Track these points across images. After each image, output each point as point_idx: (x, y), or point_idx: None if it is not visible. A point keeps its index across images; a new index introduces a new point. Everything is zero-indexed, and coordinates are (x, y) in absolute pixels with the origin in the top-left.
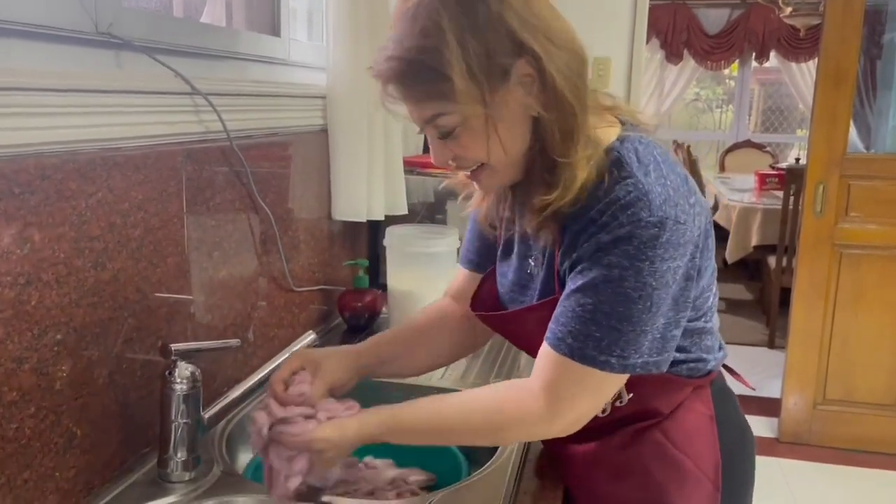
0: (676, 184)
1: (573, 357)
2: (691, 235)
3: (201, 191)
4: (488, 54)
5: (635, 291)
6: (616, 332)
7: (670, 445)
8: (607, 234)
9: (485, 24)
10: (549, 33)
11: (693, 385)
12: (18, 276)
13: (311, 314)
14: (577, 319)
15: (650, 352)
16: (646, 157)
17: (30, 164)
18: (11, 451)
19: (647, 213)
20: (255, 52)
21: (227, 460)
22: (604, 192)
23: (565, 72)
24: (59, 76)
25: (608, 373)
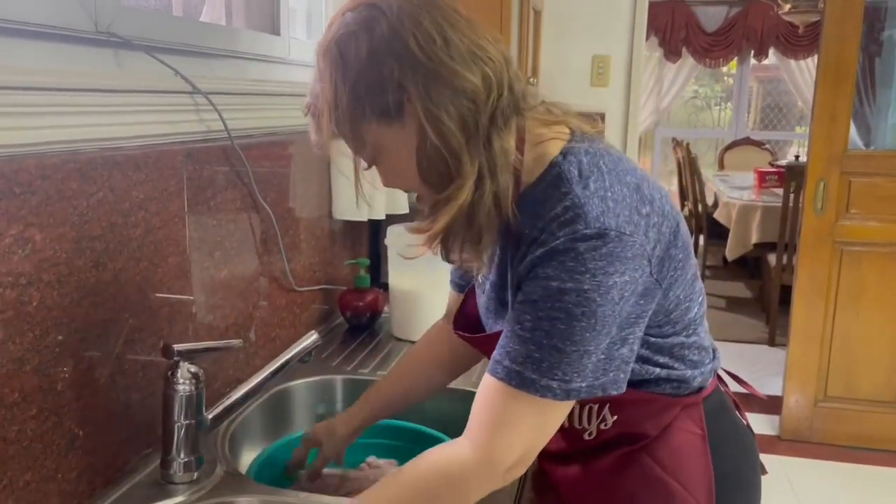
0: (622, 194)
1: (510, 382)
2: (642, 248)
3: (202, 190)
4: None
5: (577, 307)
6: (557, 353)
7: (658, 469)
8: (543, 248)
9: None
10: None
11: (681, 404)
12: (20, 277)
13: (313, 314)
14: (516, 339)
15: (594, 374)
16: (588, 170)
17: (30, 164)
18: (13, 453)
19: (582, 225)
20: (255, 51)
21: (229, 461)
22: (545, 210)
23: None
24: (59, 75)
25: (549, 400)
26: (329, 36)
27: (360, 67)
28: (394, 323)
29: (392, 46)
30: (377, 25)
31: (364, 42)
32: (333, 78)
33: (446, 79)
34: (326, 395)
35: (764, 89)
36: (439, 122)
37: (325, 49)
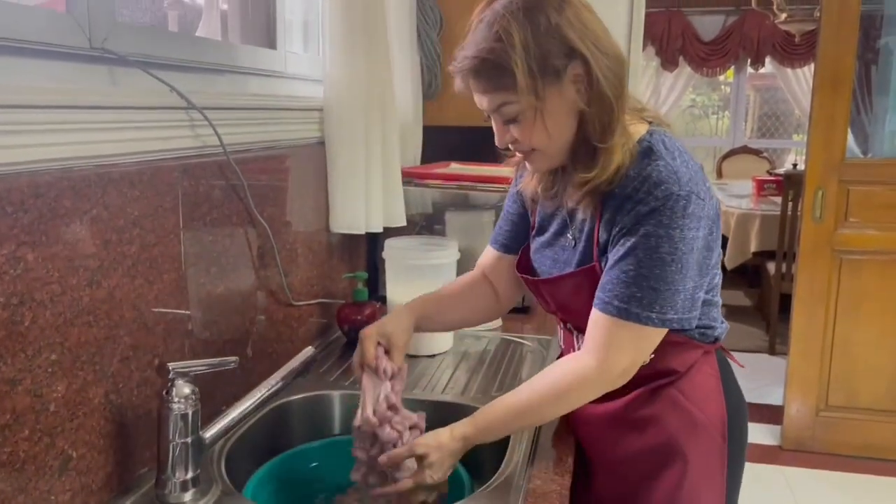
0: (696, 168)
1: (620, 316)
2: (709, 211)
3: (198, 206)
4: (545, 57)
5: (669, 255)
6: (654, 292)
7: (684, 399)
8: (644, 205)
9: (545, 33)
10: (597, 41)
11: (703, 349)
12: (11, 297)
13: (310, 328)
14: (621, 284)
15: (683, 309)
16: (672, 147)
17: (23, 183)
18: (5, 475)
19: (676, 187)
20: (252, 66)
21: (226, 480)
22: (637, 173)
23: (608, 74)
24: (53, 93)
25: (650, 327)
26: (514, 5)
27: (548, 33)
28: None
29: (572, 21)
30: (559, 4)
31: (552, 14)
32: (524, 39)
33: (607, 49)
34: (324, 411)
35: (761, 97)
36: (607, 80)
37: (511, 14)
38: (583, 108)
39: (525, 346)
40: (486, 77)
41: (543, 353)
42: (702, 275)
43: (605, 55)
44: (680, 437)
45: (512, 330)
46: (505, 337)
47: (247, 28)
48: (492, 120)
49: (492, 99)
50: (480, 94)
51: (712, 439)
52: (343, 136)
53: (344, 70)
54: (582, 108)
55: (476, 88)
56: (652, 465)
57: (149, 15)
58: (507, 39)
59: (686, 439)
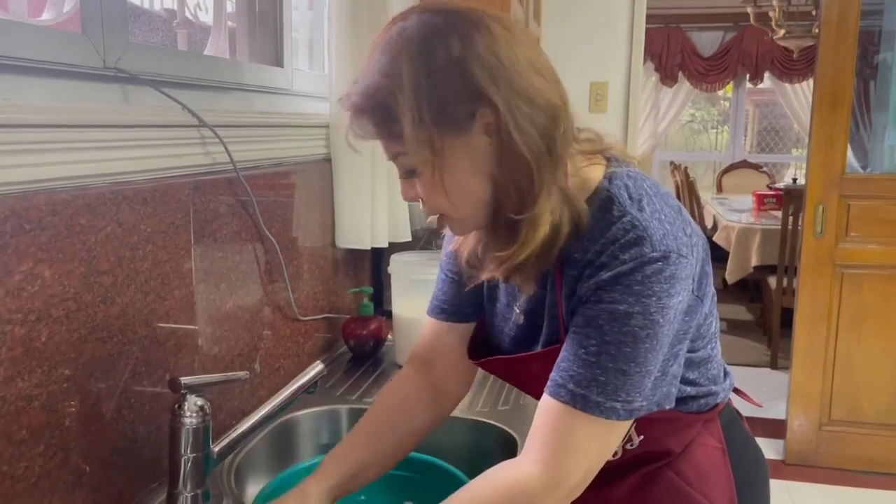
0: (671, 217)
1: (575, 405)
2: (692, 269)
3: (208, 222)
4: (443, 101)
5: (643, 330)
6: (622, 376)
7: (684, 484)
8: (608, 271)
9: (443, 69)
10: (515, 83)
11: (703, 420)
12: (29, 314)
13: (317, 343)
14: (580, 363)
15: (652, 392)
16: (637, 193)
17: (40, 201)
18: (21, 490)
19: (649, 248)
20: (260, 83)
21: (235, 494)
22: (599, 233)
23: (526, 127)
24: (68, 112)
25: (613, 421)
26: (408, 32)
27: (448, 71)
28: (398, 351)
29: (482, 56)
30: (468, 32)
31: (455, 46)
32: (413, 76)
33: (529, 94)
34: (331, 426)
35: (760, 112)
36: (524, 134)
37: (404, 44)
38: (492, 168)
39: None
40: (374, 121)
41: None
42: (674, 343)
43: (525, 101)
44: None
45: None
46: None
47: (254, 46)
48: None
49: (385, 146)
50: (375, 137)
51: None
52: (349, 153)
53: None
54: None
55: (365, 133)
56: None
57: (159, 35)
58: (394, 76)
59: None
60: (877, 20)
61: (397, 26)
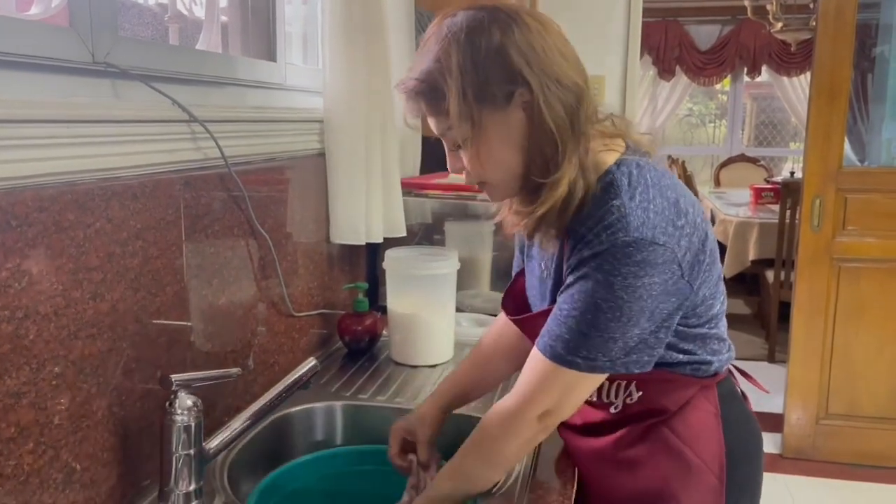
0: (661, 207)
1: (545, 354)
2: (673, 255)
3: (200, 218)
4: (485, 82)
5: (605, 302)
6: (583, 337)
7: (676, 439)
8: (588, 249)
9: (485, 56)
10: (547, 67)
11: (700, 384)
12: (16, 311)
13: (311, 339)
14: (554, 321)
15: (620, 355)
16: (636, 181)
17: (27, 197)
18: (10, 489)
19: (623, 233)
20: (252, 78)
21: (228, 491)
22: (594, 211)
23: (555, 104)
24: (57, 107)
25: (576, 372)
26: (456, 25)
27: (489, 56)
28: (393, 347)
29: (518, 44)
30: (507, 25)
31: (496, 36)
32: (461, 62)
33: (558, 76)
34: (326, 422)
35: (758, 106)
36: (553, 110)
37: (453, 35)
38: (525, 141)
39: None
40: (426, 101)
41: None
42: (655, 321)
43: (554, 82)
44: (672, 481)
45: None
46: None
47: (247, 40)
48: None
49: (435, 124)
50: (427, 116)
51: (707, 483)
52: (343, 148)
53: (344, 82)
54: (524, 142)
55: (418, 112)
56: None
57: (150, 29)
58: (444, 62)
59: (679, 483)
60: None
61: (447, 21)
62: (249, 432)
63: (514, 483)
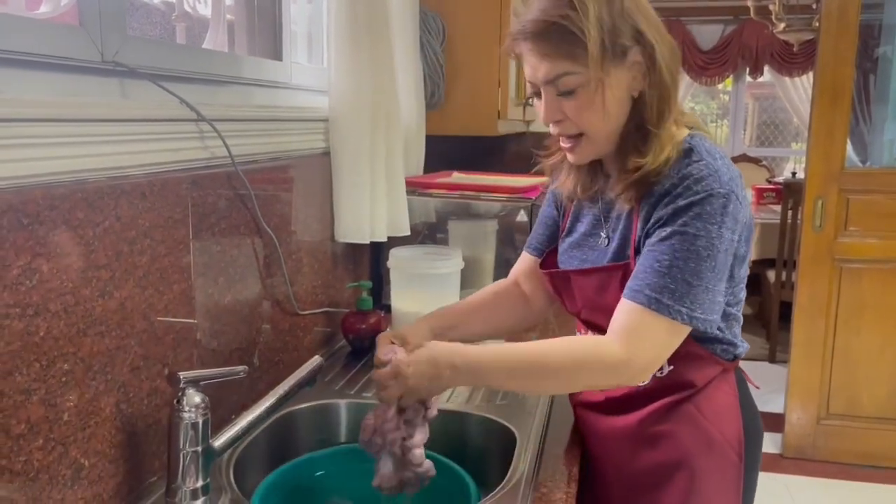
0: (736, 174)
1: (650, 306)
2: (744, 217)
3: (206, 216)
4: (616, 35)
5: (705, 250)
6: (687, 286)
7: (701, 417)
8: (684, 199)
9: (618, 13)
10: (659, 30)
11: (722, 366)
12: (27, 308)
13: (315, 337)
14: (654, 274)
15: (709, 310)
16: (713, 151)
17: (38, 195)
18: (20, 485)
19: (717, 185)
20: (258, 77)
21: (234, 488)
22: (677, 171)
23: (667, 60)
24: (67, 106)
25: (677, 323)
26: None
27: (620, 12)
28: None
29: (640, 7)
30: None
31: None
32: (599, 12)
33: (663, 37)
34: (330, 420)
35: (760, 106)
36: (666, 63)
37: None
38: (643, 90)
39: None
40: (554, 42)
41: None
42: (731, 282)
43: (662, 41)
44: (694, 454)
45: (515, 338)
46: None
47: (253, 40)
48: (542, 92)
49: (552, 67)
50: (539, 60)
51: (727, 458)
52: (348, 147)
53: (349, 81)
54: (642, 91)
55: (537, 52)
56: (664, 481)
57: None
58: (581, 9)
59: (700, 457)
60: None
61: None
62: (255, 429)
63: (518, 481)
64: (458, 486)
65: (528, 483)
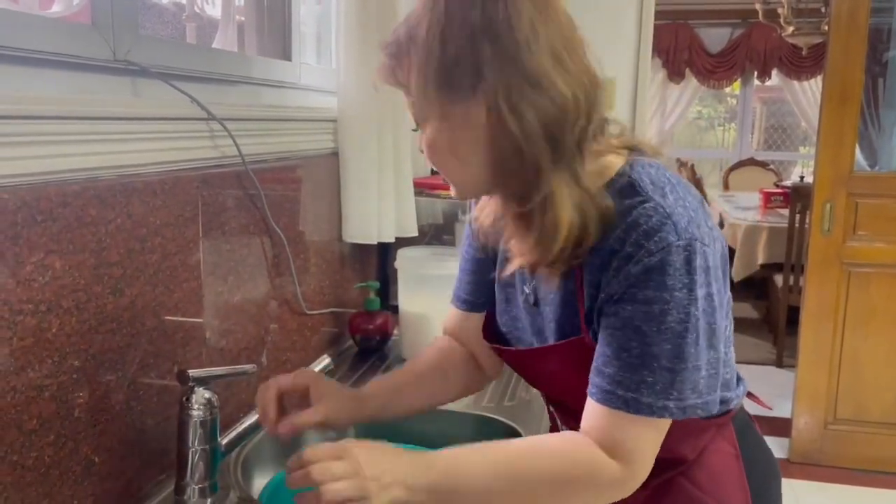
0: (695, 206)
1: (629, 410)
2: (715, 260)
3: (217, 215)
4: (449, 66)
5: (680, 325)
6: (669, 373)
7: (697, 490)
8: (635, 265)
9: (457, 36)
10: (522, 66)
11: (716, 424)
12: (40, 304)
13: (323, 337)
14: (625, 366)
15: (706, 391)
16: (659, 180)
17: (51, 192)
18: (31, 480)
19: (674, 236)
20: (268, 77)
21: (242, 486)
22: (620, 219)
23: (525, 111)
24: (79, 104)
25: (666, 420)
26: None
27: (462, 35)
28: (404, 346)
29: (498, 27)
30: (493, 4)
31: (477, 12)
32: (429, 36)
33: (537, 78)
34: None
35: (767, 110)
36: (522, 119)
37: (432, 4)
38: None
39: None
40: (391, 66)
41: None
42: (719, 340)
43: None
44: None
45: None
46: None
47: (262, 40)
48: None
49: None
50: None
51: None
52: (356, 147)
53: (357, 82)
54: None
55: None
56: None
57: (169, 28)
58: (415, 31)
59: None
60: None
61: None
62: (262, 428)
63: None
64: None
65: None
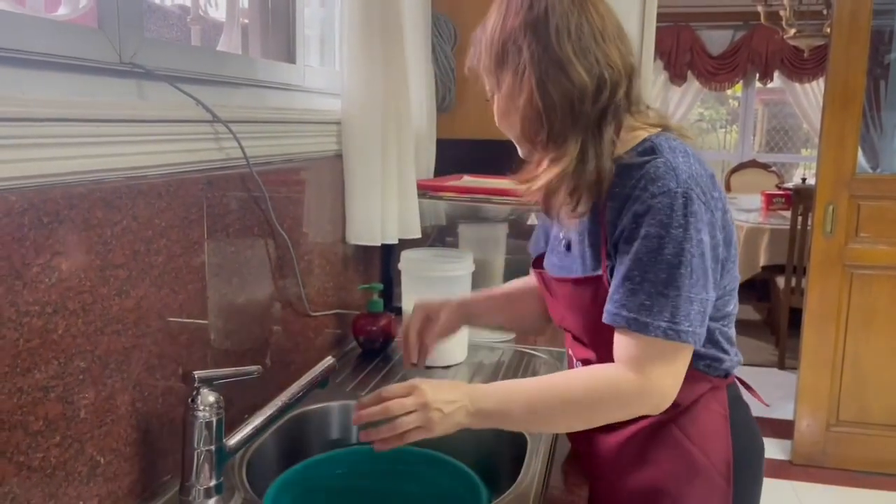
0: (700, 172)
1: (630, 328)
2: (712, 218)
3: (221, 217)
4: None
5: (675, 257)
6: (664, 298)
7: (685, 438)
8: (640, 204)
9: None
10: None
11: (711, 383)
12: (46, 306)
13: (326, 338)
14: (628, 292)
15: (697, 322)
16: (677, 147)
17: (57, 194)
18: (37, 481)
19: (674, 183)
20: (272, 79)
21: (247, 487)
22: (637, 170)
23: (552, 92)
24: (85, 107)
25: (668, 341)
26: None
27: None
28: None
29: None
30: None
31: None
32: (494, 23)
33: (562, 64)
34: (341, 421)
35: (769, 112)
36: (546, 93)
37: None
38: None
39: (539, 358)
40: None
41: (557, 365)
42: (714, 288)
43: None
44: (679, 481)
45: (525, 342)
46: (519, 349)
47: (267, 42)
48: None
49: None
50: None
51: (712, 482)
52: (360, 149)
53: (361, 84)
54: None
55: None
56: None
57: (174, 30)
58: (487, 19)
59: (684, 484)
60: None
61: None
62: (267, 429)
63: (529, 484)
64: (468, 489)
65: (539, 486)
